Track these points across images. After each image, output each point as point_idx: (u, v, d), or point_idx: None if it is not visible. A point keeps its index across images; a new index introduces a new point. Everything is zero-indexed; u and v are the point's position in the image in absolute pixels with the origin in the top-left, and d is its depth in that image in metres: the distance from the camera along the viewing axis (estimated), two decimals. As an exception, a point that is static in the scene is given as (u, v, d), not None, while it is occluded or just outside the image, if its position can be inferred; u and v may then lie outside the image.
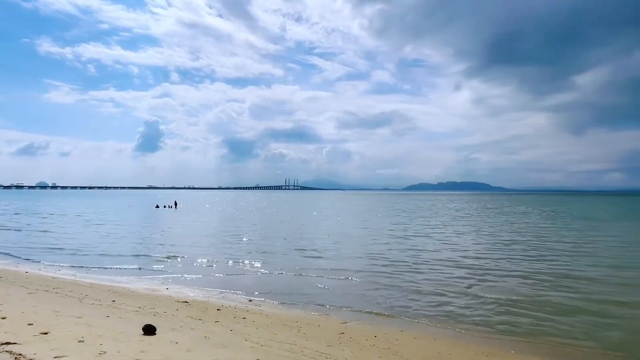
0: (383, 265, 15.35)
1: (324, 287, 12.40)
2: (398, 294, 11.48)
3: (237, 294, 11.62)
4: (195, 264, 15.77)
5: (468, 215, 46.09)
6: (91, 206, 62.96)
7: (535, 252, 18.41)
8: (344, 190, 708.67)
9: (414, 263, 15.87)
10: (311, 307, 10.50)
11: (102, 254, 17.90)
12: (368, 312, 10.05)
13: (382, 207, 67.59)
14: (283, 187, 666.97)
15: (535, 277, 13.23)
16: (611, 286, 11.92)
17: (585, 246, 20.49)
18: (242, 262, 16.16)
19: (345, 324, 9.09)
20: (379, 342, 7.89)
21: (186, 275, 13.91)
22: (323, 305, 10.59)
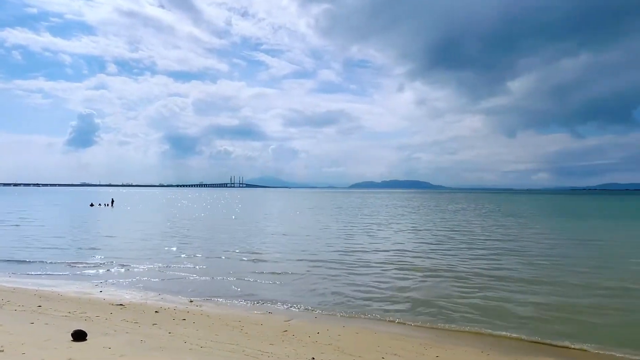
0: (326, 265, 15.49)
1: (267, 286, 12.32)
2: (341, 292, 11.65)
3: (177, 295, 11.25)
4: (132, 265, 15.03)
5: (408, 213, 47.70)
6: (13, 204, 58.17)
7: (470, 250, 19.39)
8: (290, 188, 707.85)
9: (356, 262, 16.17)
10: (254, 306, 10.40)
11: (14, 259, 16.21)
12: (311, 310, 10.13)
13: (327, 205, 68.27)
14: (228, 185, 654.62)
15: (468, 274, 13.88)
16: (536, 284, 12.64)
17: (515, 243, 21.93)
18: (183, 263, 15.67)
19: (288, 322, 9.09)
20: (321, 338, 7.97)
21: (122, 277, 13.27)
22: (266, 304, 10.53)
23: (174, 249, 18.99)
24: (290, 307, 10.32)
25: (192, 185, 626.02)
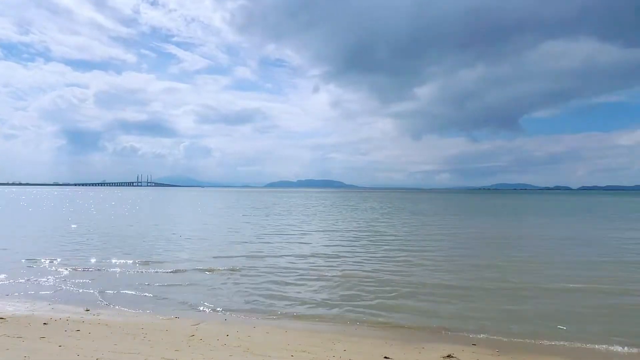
0: (237, 268, 15.12)
1: (174, 292, 11.69)
2: (252, 294, 11.52)
3: (71, 304, 10.26)
4: (16, 274, 13.43)
5: (321, 212, 48.56)
6: None
7: (377, 249, 20.25)
8: (203, 187, 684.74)
9: (267, 263, 16.11)
10: (159, 312, 9.85)
11: None
12: (221, 312, 9.88)
13: (240, 205, 67.08)
14: (135, 184, 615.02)
15: (375, 273, 14.27)
16: (436, 286, 12.96)
17: (421, 242, 23.44)
18: (78, 270, 14.37)
19: (196, 326, 8.76)
20: (230, 340, 7.81)
21: (3, 288, 11.79)
22: (172, 309, 10.05)
23: (68, 253, 17.33)
24: (199, 311, 9.97)
25: (92, 184, 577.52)
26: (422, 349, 7.67)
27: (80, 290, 11.64)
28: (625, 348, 7.74)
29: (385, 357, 7.15)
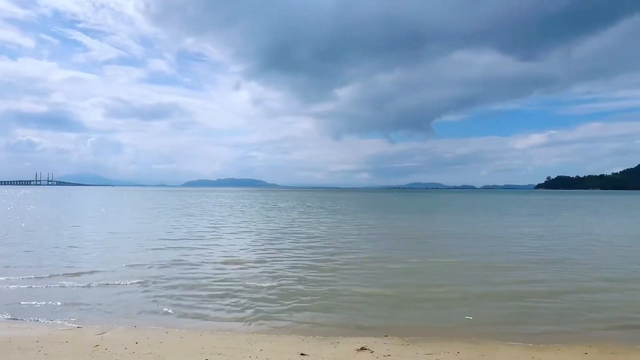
0: (149, 274, 14.23)
1: (78, 302, 10.67)
2: (165, 298, 11.04)
3: (-51, 319, 9.04)
4: None
5: (240, 212, 47.44)
6: None
7: (295, 251, 20.26)
8: (113, 186, 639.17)
9: (181, 267, 15.44)
10: (58, 323, 9.03)
11: None
12: (130, 319, 9.31)
13: (154, 205, 63.60)
14: (33, 183, 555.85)
15: (291, 275, 14.14)
16: (354, 294, 13.23)
17: (337, 242, 24.00)
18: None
19: (102, 335, 8.18)
20: (140, 348, 7.42)
21: None
22: (74, 319, 9.25)
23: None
24: (105, 318, 9.30)
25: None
26: (337, 343, 7.92)
27: (-38, 303, 10.27)
28: (520, 342, 8.59)
29: (302, 354, 7.27)
